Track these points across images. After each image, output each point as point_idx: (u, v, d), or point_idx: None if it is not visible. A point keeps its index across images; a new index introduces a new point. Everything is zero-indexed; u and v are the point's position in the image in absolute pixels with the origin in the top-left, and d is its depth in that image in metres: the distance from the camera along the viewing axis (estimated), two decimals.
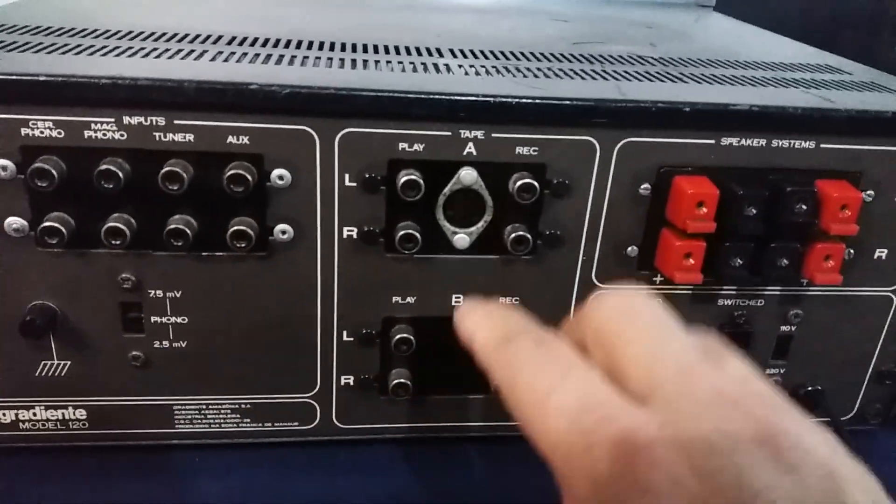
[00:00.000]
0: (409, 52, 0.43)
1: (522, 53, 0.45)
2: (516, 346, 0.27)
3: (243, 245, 0.36)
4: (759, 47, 0.56)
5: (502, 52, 0.45)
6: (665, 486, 0.21)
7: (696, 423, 0.22)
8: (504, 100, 0.35)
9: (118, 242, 0.35)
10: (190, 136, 0.34)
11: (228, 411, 0.41)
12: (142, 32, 0.42)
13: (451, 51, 0.44)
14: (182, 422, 0.41)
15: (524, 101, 0.35)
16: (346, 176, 0.36)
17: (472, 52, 0.44)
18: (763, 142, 0.37)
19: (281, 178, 0.35)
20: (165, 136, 0.34)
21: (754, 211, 0.37)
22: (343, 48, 0.43)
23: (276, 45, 0.42)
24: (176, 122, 0.34)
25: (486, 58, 0.43)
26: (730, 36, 0.60)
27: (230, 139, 0.35)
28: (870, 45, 0.82)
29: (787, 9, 0.71)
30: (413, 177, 0.35)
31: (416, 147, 0.36)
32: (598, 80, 0.40)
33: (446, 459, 0.43)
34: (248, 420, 0.42)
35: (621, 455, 0.22)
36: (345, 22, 0.53)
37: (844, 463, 0.22)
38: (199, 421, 0.41)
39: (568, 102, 0.35)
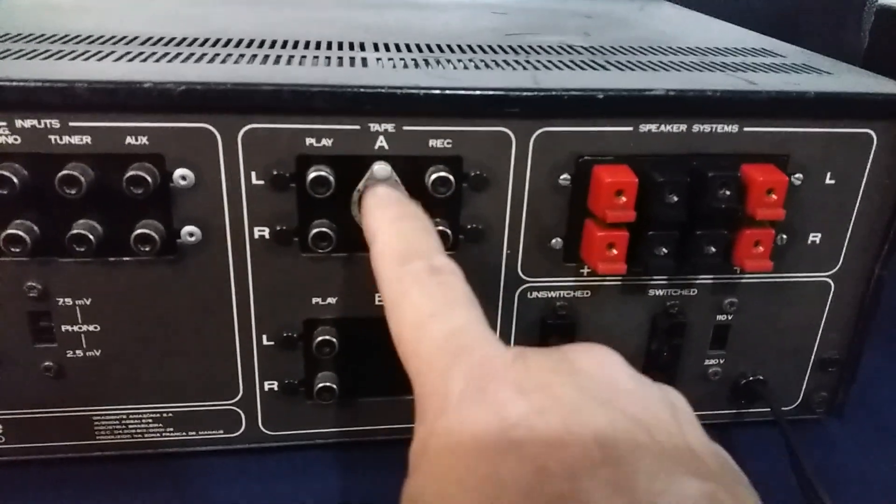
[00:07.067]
0: (329, 47, 0.42)
1: (449, 46, 0.44)
2: (412, 268, 0.28)
3: (148, 249, 0.35)
4: (697, 34, 0.55)
5: (427, 46, 0.44)
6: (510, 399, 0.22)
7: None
8: (411, 91, 0.34)
9: (18, 250, 0.34)
10: (87, 138, 0.33)
11: (150, 421, 0.40)
12: (42, 35, 0.41)
13: (375, 45, 0.43)
14: (103, 433, 0.40)
15: (433, 91, 0.34)
16: (253, 174, 0.35)
17: (396, 45, 0.43)
18: (683, 127, 0.36)
19: (184, 178, 0.34)
20: (62, 139, 0.33)
21: (676, 198, 0.36)
22: (261, 45, 0.42)
23: (190, 43, 0.41)
24: (71, 123, 0.33)
25: (410, 51, 0.42)
26: (669, 24, 0.59)
27: (129, 140, 0.33)
28: (825, 30, 0.82)
29: None
30: (323, 173, 0.34)
31: (324, 142, 0.35)
32: (518, 69, 0.39)
33: (379, 463, 0.42)
34: (172, 429, 0.40)
35: (476, 376, 0.24)
36: (275, 18, 0.51)
37: None
38: (121, 431, 0.40)
39: (478, 93, 0.34)
